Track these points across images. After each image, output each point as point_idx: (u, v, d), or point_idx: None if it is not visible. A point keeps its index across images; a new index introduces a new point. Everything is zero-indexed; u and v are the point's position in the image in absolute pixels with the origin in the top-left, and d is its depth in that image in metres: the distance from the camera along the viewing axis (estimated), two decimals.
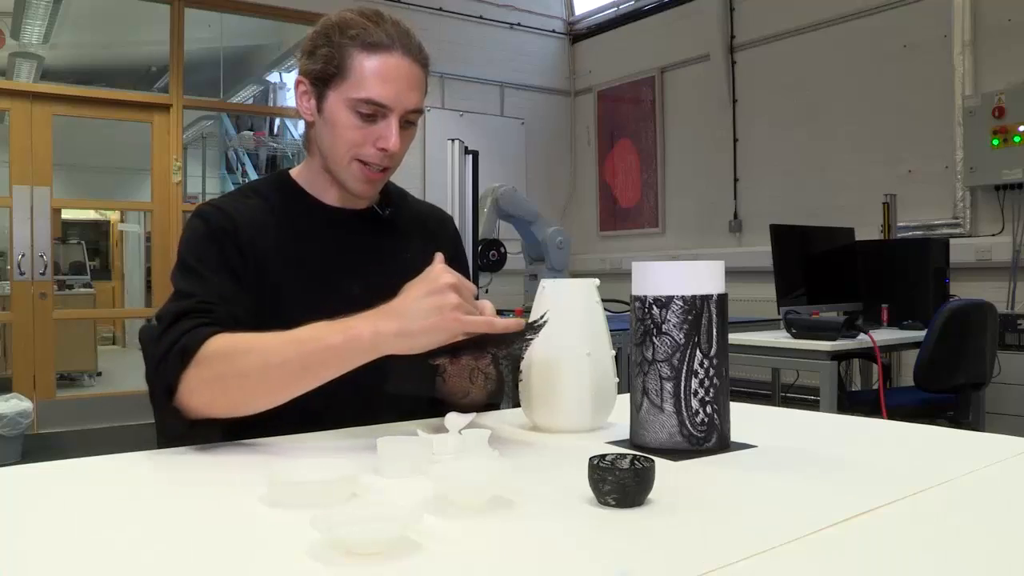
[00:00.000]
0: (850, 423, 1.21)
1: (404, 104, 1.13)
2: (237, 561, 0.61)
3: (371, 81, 1.11)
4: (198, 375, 0.97)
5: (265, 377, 0.95)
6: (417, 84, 1.15)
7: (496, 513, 0.71)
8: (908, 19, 4.86)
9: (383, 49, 1.12)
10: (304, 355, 0.94)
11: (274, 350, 0.95)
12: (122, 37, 6.63)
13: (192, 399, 0.98)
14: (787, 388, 4.90)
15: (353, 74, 1.12)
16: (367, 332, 0.92)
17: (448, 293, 0.90)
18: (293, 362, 0.94)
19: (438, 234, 1.35)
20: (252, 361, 0.96)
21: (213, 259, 1.11)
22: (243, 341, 0.98)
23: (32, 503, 0.78)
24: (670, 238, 6.42)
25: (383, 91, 1.12)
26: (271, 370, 0.95)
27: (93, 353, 6.81)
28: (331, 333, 0.93)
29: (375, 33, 1.12)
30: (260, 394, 0.97)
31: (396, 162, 1.19)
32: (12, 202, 5.05)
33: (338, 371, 0.95)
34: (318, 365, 0.94)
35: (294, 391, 0.96)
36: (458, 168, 3.81)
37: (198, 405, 0.98)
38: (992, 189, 4.46)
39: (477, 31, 6.58)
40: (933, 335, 3.01)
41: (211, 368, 0.97)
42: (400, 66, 1.13)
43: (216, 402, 0.98)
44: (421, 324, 0.90)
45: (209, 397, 0.98)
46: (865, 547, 0.62)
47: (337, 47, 1.13)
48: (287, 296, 1.15)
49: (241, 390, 0.97)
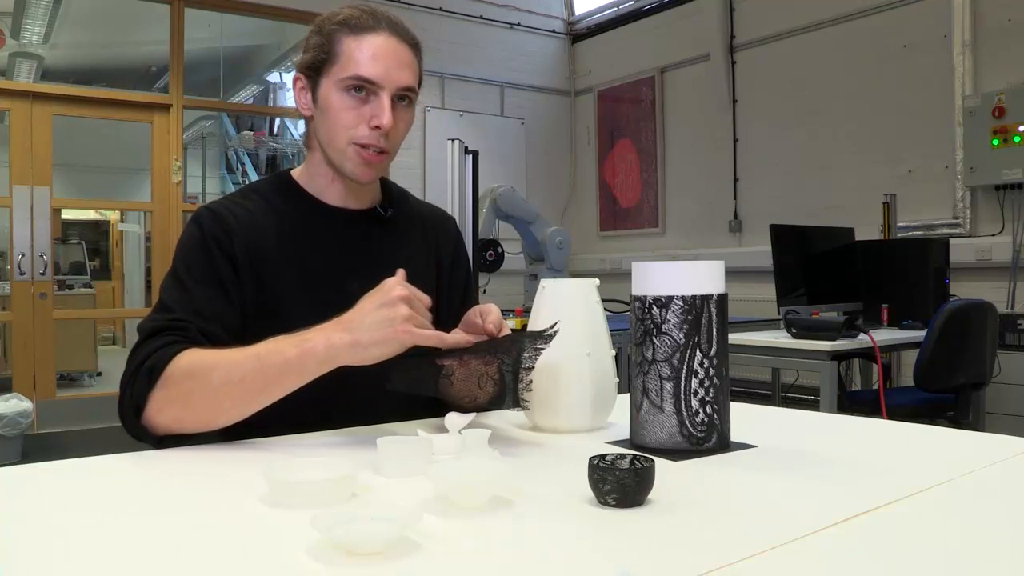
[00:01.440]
0: (850, 423, 1.21)
1: (394, 81, 1.14)
2: (237, 561, 0.61)
3: (359, 60, 1.13)
4: (164, 395, 1.00)
5: (229, 393, 0.98)
6: (407, 63, 1.16)
7: (496, 513, 0.71)
8: (908, 19, 4.86)
9: (370, 30, 1.14)
10: (263, 369, 0.97)
11: (235, 366, 0.98)
12: (122, 37, 6.63)
13: (159, 417, 1.00)
14: (787, 388, 4.90)
15: (342, 56, 1.14)
16: (321, 345, 0.95)
17: (399, 306, 0.94)
18: (254, 377, 0.97)
19: (440, 234, 1.35)
20: (215, 378, 0.98)
21: (201, 269, 1.13)
22: (207, 358, 1.00)
23: (32, 503, 0.78)
24: (670, 238, 6.42)
25: (372, 68, 1.13)
26: (233, 386, 0.98)
27: (93, 353, 6.81)
28: (288, 347, 0.97)
29: (363, 18, 1.14)
30: (225, 409, 0.99)
31: (394, 145, 1.19)
32: (12, 202, 5.05)
33: (298, 382, 0.98)
34: (277, 378, 0.97)
35: (258, 404, 0.99)
36: (458, 168, 3.81)
37: (166, 422, 1.01)
38: (992, 189, 4.46)
39: (477, 31, 6.58)
40: (933, 335, 3.01)
41: (177, 387, 0.99)
42: (388, 44, 1.14)
43: (184, 419, 1.01)
44: (371, 336, 0.94)
45: (177, 414, 1.00)
46: (865, 547, 0.62)
47: (327, 35, 1.15)
48: (288, 296, 1.15)
49: (206, 406, 0.99)
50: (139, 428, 1.01)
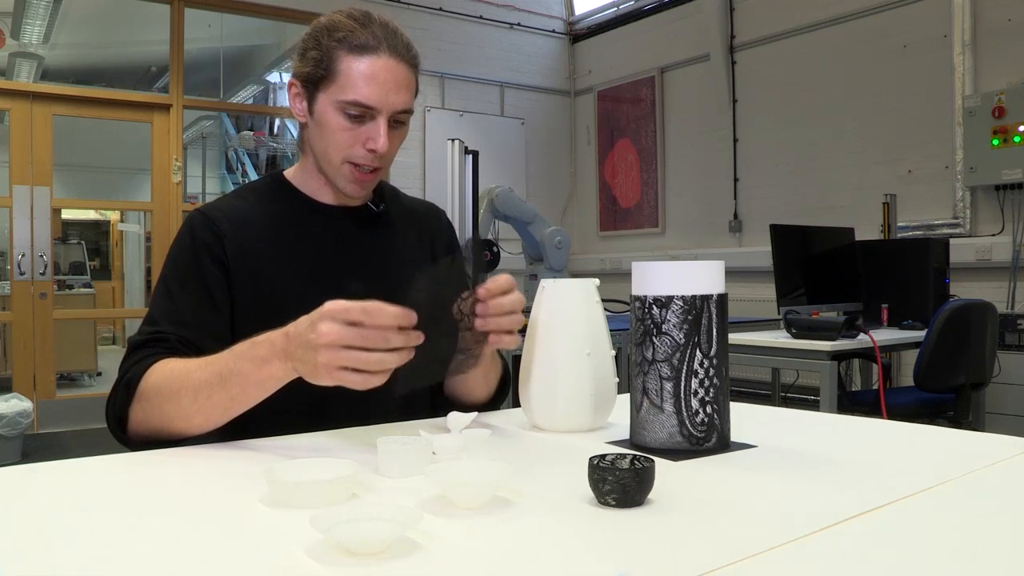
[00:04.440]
0: (850, 423, 1.21)
1: (391, 105, 1.14)
2: (237, 561, 0.61)
3: (358, 83, 1.12)
4: (140, 408, 1.04)
5: (197, 410, 1.00)
6: (405, 85, 1.16)
7: (496, 513, 0.71)
8: (908, 19, 4.86)
9: (369, 51, 1.13)
10: (226, 388, 0.98)
11: (201, 384, 0.99)
12: (122, 37, 6.63)
13: (139, 428, 1.05)
14: (787, 388, 4.90)
15: (340, 77, 1.13)
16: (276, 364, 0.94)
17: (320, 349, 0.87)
18: (218, 395, 0.98)
19: (432, 227, 1.37)
20: (183, 396, 1.00)
21: (190, 277, 1.15)
22: (174, 376, 1.01)
23: (32, 503, 0.78)
24: (670, 238, 6.42)
25: (370, 93, 1.13)
26: (200, 403, 0.99)
27: (93, 353, 6.81)
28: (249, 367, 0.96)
29: (362, 35, 1.13)
30: (196, 424, 1.01)
31: (387, 162, 1.20)
32: (12, 202, 5.05)
33: (260, 398, 0.99)
34: (241, 397, 0.98)
35: (226, 417, 1.01)
36: (458, 168, 3.81)
37: (146, 432, 1.05)
38: (992, 189, 4.46)
39: (477, 31, 6.58)
40: (933, 335, 3.01)
41: (149, 401, 1.03)
42: (387, 67, 1.13)
43: (161, 431, 1.04)
44: (304, 365, 0.91)
45: (154, 426, 1.04)
46: (865, 547, 0.62)
47: (325, 50, 1.14)
48: (284, 295, 1.16)
49: (178, 419, 1.02)
50: (124, 439, 1.06)
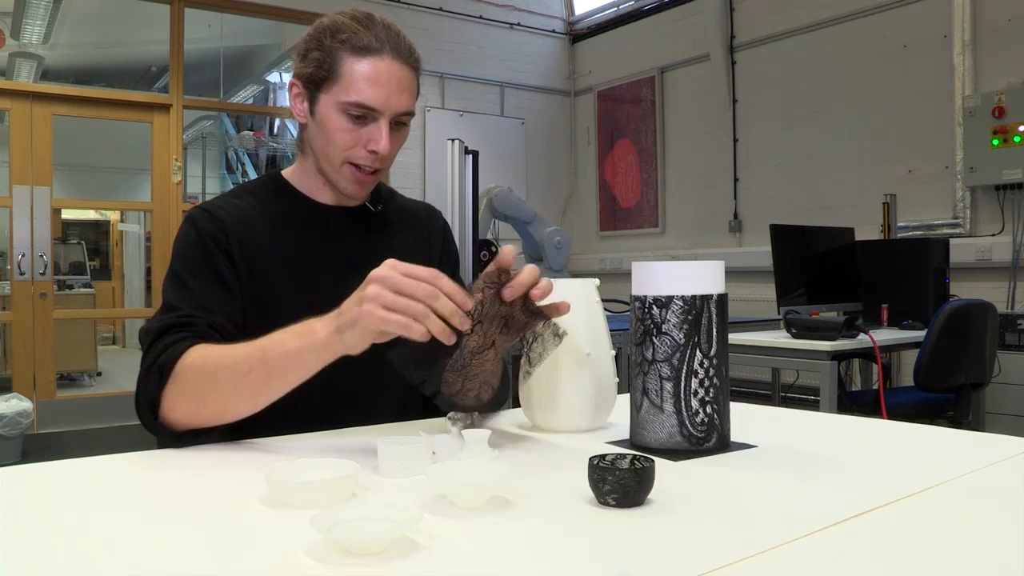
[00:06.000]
0: (850, 423, 1.21)
1: (394, 107, 1.14)
2: (237, 561, 0.61)
3: (360, 85, 1.12)
4: (176, 390, 1.00)
5: (237, 388, 0.98)
6: (407, 87, 1.16)
7: (496, 513, 0.71)
8: (908, 19, 4.86)
9: (372, 52, 1.13)
10: (267, 363, 0.96)
11: (241, 360, 0.97)
12: (122, 37, 6.63)
13: (174, 413, 1.01)
14: (787, 388, 4.90)
15: (343, 78, 1.13)
16: (322, 333, 0.93)
17: (368, 286, 0.88)
18: (260, 370, 0.96)
19: (429, 227, 1.37)
20: (223, 374, 0.98)
21: (201, 266, 1.13)
22: (214, 354, 1.00)
23: (32, 503, 0.78)
24: (670, 238, 6.42)
25: (372, 94, 1.13)
26: (240, 380, 0.97)
27: (93, 353, 6.81)
28: (291, 338, 0.95)
29: (364, 36, 1.13)
30: (233, 404, 0.99)
31: (387, 164, 1.20)
32: (12, 202, 5.05)
33: (303, 375, 0.96)
34: (281, 371, 0.96)
35: (266, 397, 0.98)
36: (458, 168, 3.81)
37: (181, 418, 1.01)
38: (992, 189, 4.46)
39: (477, 31, 6.58)
40: (933, 335, 3.01)
41: (186, 382, 1.00)
42: (390, 69, 1.13)
43: (197, 415, 1.01)
44: (344, 320, 0.90)
45: (191, 409, 1.01)
46: (865, 547, 0.62)
47: (328, 51, 1.14)
48: (282, 294, 1.16)
49: (217, 401, 0.99)
50: (156, 426, 1.02)
